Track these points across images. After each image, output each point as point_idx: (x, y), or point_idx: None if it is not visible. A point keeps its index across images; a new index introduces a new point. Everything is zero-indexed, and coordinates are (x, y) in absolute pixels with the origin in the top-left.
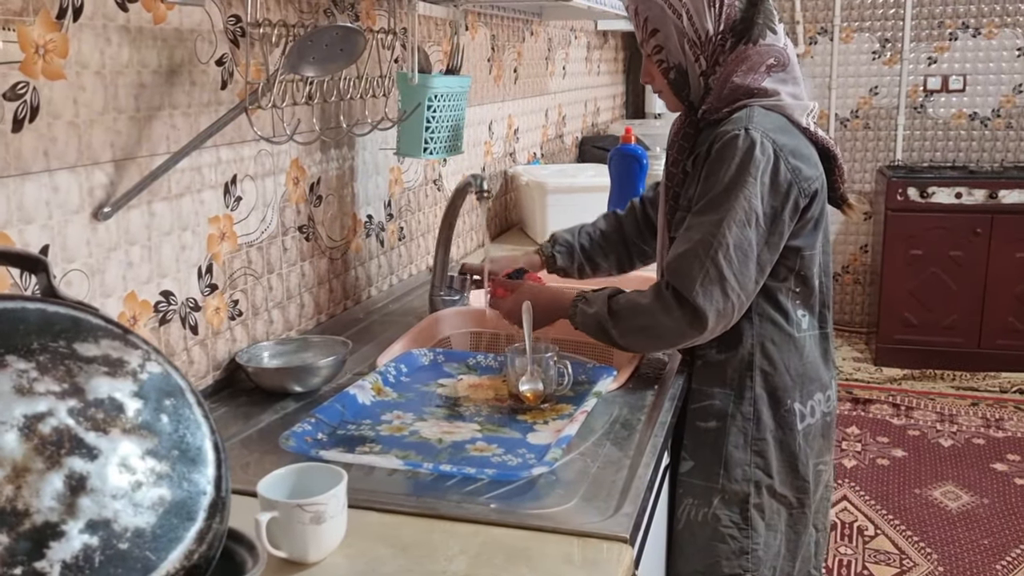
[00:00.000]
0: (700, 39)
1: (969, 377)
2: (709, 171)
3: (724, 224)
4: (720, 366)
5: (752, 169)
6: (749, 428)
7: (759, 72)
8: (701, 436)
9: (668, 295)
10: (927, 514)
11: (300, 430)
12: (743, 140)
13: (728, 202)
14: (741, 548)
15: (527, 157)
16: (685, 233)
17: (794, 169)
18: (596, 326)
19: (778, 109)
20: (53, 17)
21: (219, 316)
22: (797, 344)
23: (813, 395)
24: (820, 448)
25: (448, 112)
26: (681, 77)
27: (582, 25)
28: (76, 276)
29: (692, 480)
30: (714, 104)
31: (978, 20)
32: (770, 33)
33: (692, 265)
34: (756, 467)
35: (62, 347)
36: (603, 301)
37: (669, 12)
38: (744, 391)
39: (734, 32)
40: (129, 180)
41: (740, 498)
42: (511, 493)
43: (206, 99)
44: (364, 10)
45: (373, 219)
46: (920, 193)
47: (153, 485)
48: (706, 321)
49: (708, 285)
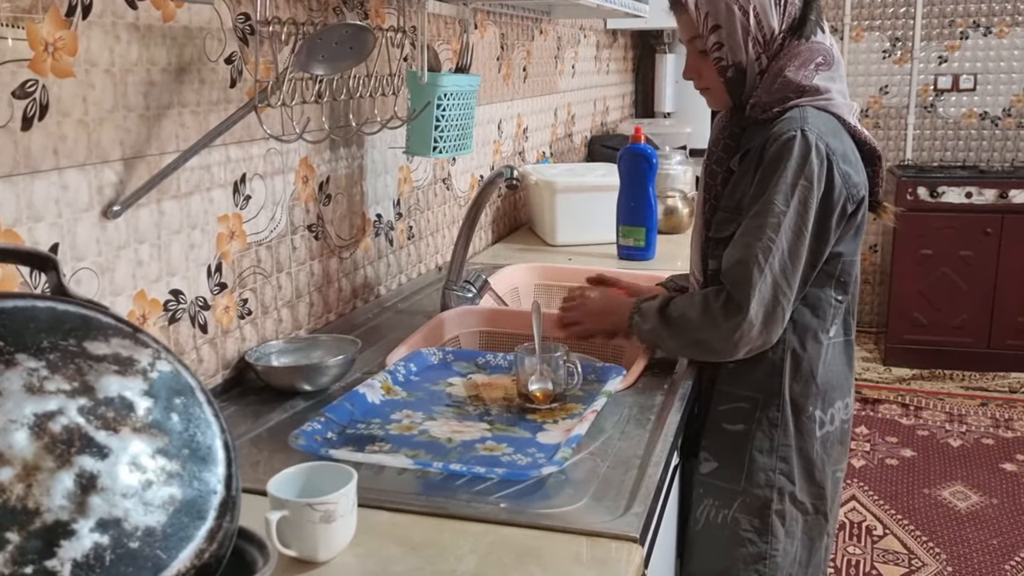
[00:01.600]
0: (765, 37)
1: (978, 377)
2: (765, 174)
3: (781, 229)
4: (750, 370)
5: (807, 172)
6: (776, 434)
7: (809, 69)
8: (726, 438)
9: (717, 308)
10: (936, 514)
11: (310, 429)
12: (800, 143)
13: (784, 206)
14: (759, 553)
15: (536, 156)
16: (741, 238)
17: (844, 175)
18: (652, 342)
19: (829, 108)
20: (62, 15)
21: (228, 315)
22: (826, 351)
23: (834, 403)
24: (838, 455)
25: (458, 111)
26: (739, 75)
27: (591, 24)
28: (85, 274)
29: (714, 481)
30: (762, 99)
31: (989, 19)
32: (820, 31)
33: (751, 272)
34: (780, 473)
35: (72, 346)
36: (655, 316)
37: (736, 9)
38: (772, 396)
39: (792, 29)
40: (138, 178)
41: (762, 503)
42: (521, 492)
43: (215, 97)
44: (373, 8)
45: (382, 218)
46: (930, 193)
47: (163, 484)
48: (754, 326)
49: (763, 290)
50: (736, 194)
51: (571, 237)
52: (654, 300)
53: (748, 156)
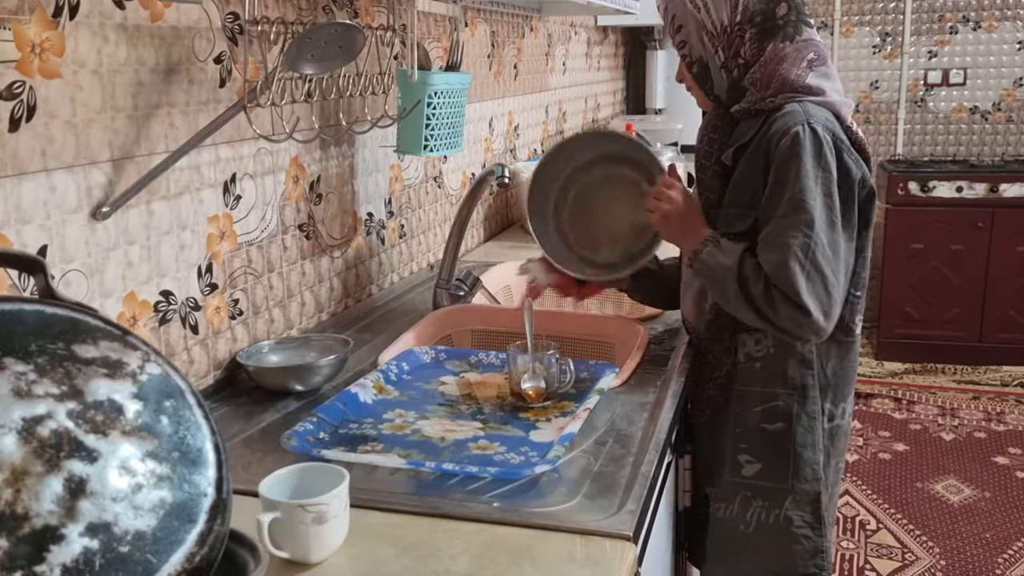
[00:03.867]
0: (716, 29)
1: (970, 371)
2: (781, 170)
3: (816, 225)
4: (780, 366)
5: (824, 163)
6: (817, 427)
7: (802, 67)
8: (767, 438)
9: (777, 295)
10: (929, 508)
11: (302, 429)
12: (808, 135)
13: (811, 200)
14: (816, 547)
15: (528, 153)
16: (777, 239)
17: (857, 161)
18: (715, 279)
19: (828, 106)
20: (49, 15)
21: (219, 315)
22: (845, 346)
23: (847, 397)
24: (842, 448)
25: (448, 109)
26: (703, 70)
27: (582, 21)
28: (75, 276)
29: (760, 483)
30: (754, 98)
31: (978, 13)
32: (805, 28)
33: (795, 273)
34: (824, 465)
35: (60, 349)
36: (737, 257)
37: (689, 6)
38: (808, 389)
39: (753, 23)
40: (127, 179)
41: (812, 497)
42: (514, 491)
43: (204, 97)
44: (363, 7)
45: (374, 217)
46: (921, 187)
47: (154, 487)
48: (819, 323)
49: (814, 288)
50: (745, 190)
51: None
52: (737, 243)
53: (747, 151)
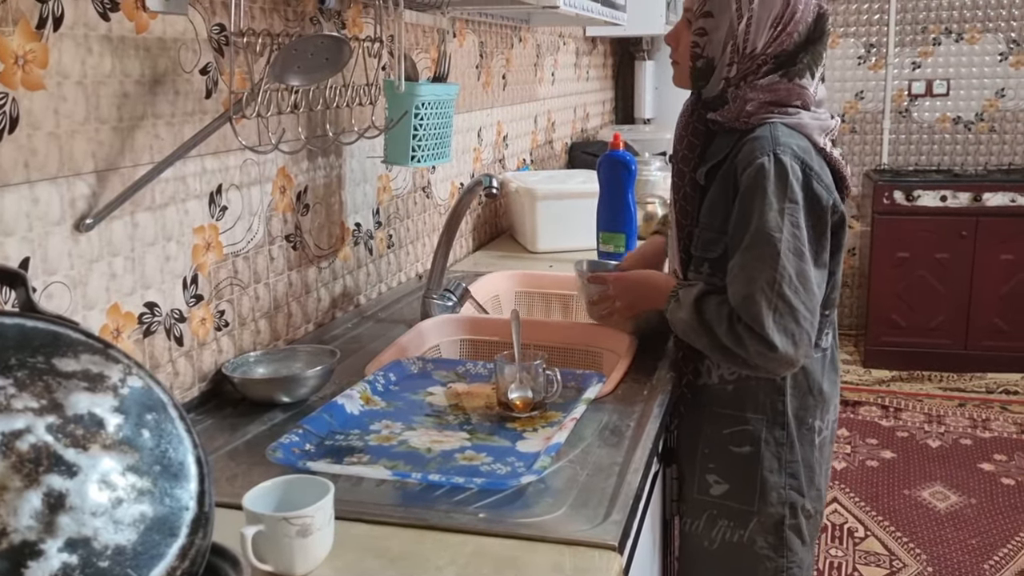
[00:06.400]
0: (744, 50)
1: (956, 378)
2: (745, 201)
3: (781, 256)
4: (752, 391)
5: (790, 194)
6: (783, 452)
7: (779, 110)
8: (735, 460)
9: (742, 330)
10: (916, 515)
11: (288, 441)
12: (773, 165)
13: (776, 232)
14: (777, 568)
15: (517, 163)
16: (742, 271)
17: (827, 188)
18: (684, 333)
19: (799, 128)
20: (33, 27)
21: (205, 327)
22: (821, 364)
23: (829, 409)
24: (828, 455)
25: (435, 120)
26: (706, 69)
27: (571, 31)
28: (57, 288)
29: (727, 503)
30: (727, 120)
31: (960, 25)
32: (808, 75)
33: (761, 305)
34: (791, 489)
35: (40, 363)
36: (691, 308)
37: (733, 7)
38: (777, 415)
39: (777, 61)
40: (112, 191)
41: (776, 521)
42: (500, 502)
43: (190, 108)
44: (351, 18)
45: (361, 227)
46: (906, 196)
47: (134, 501)
48: (788, 355)
49: (781, 321)
50: (717, 213)
51: (552, 244)
52: (692, 288)
53: (719, 171)
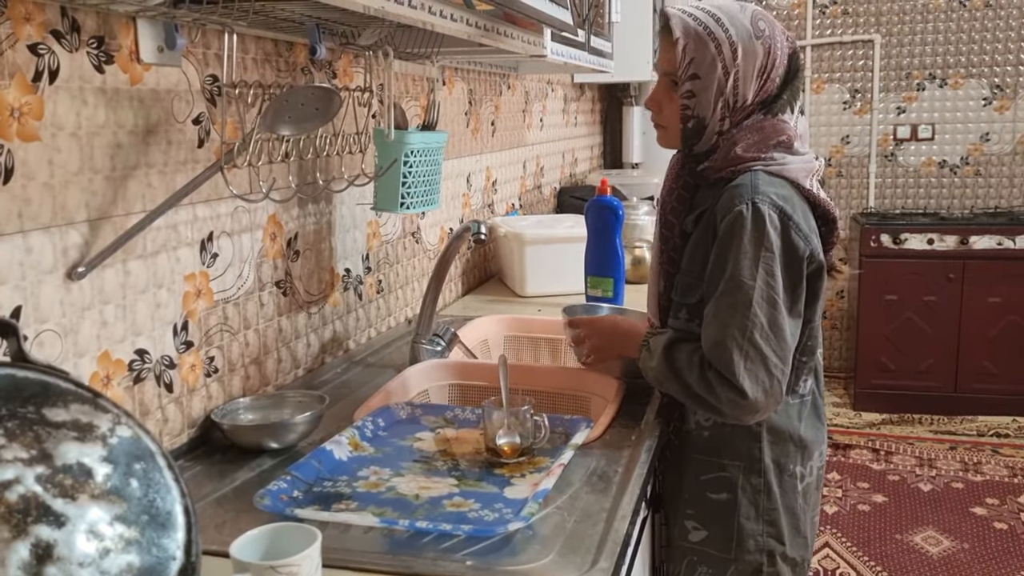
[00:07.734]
0: (734, 104)
1: (947, 421)
2: (721, 249)
3: (753, 304)
4: (728, 437)
5: (766, 243)
6: (760, 500)
7: (766, 148)
8: (712, 507)
9: (712, 377)
10: (908, 560)
11: (275, 488)
12: (751, 214)
13: (750, 280)
14: None
15: (506, 208)
16: (715, 318)
17: (806, 238)
18: (656, 381)
19: (783, 173)
20: (29, 80)
21: (194, 373)
22: (800, 410)
23: (812, 456)
24: (815, 501)
25: (424, 167)
26: (699, 128)
27: (559, 78)
28: (49, 336)
29: (705, 549)
30: (716, 165)
31: (944, 71)
32: (788, 111)
33: (732, 352)
34: (769, 536)
35: (31, 413)
36: (660, 356)
37: (719, 67)
38: (753, 462)
39: (764, 105)
40: (104, 239)
41: (753, 568)
42: (488, 549)
43: (183, 157)
44: (341, 68)
45: (351, 272)
46: (893, 239)
47: (121, 551)
48: (757, 403)
49: (752, 368)
50: (697, 259)
51: (540, 288)
52: (662, 336)
53: (703, 219)
